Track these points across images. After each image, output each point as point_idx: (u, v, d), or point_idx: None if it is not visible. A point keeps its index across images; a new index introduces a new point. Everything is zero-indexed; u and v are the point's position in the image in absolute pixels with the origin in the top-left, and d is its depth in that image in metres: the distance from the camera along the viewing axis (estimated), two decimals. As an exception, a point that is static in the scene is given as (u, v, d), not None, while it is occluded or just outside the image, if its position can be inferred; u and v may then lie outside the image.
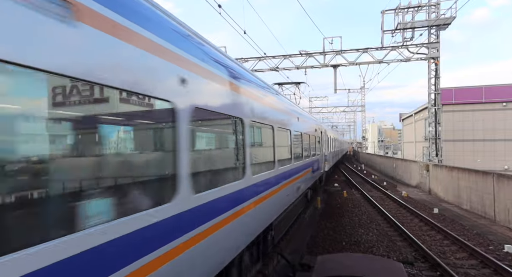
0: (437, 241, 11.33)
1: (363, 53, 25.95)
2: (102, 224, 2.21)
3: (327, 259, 6.20)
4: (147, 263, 2.63)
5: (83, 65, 2.14)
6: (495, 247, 10.49)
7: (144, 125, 3.19)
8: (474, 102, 35.45)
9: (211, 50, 4.33)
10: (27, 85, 1.92)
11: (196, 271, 3.50)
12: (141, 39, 2.72)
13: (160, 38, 3.01)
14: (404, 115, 55.29)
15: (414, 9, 25.23)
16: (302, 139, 11.45)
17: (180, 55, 3.33)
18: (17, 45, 1.74)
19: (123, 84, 2.47)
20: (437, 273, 8.52)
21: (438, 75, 24.77)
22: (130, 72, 2.57)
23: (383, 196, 21.07)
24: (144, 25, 2.79)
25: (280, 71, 27.92)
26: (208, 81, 3.92)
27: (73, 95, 2.20)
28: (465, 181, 17.13)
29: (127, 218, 2.44)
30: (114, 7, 2.47)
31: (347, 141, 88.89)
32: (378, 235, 11.86)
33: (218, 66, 4.36)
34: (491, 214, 14.48)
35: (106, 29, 2.34)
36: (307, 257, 8.23)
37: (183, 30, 3.70)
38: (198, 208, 3.49)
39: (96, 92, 2.35)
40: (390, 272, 5.30)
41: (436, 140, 25.30)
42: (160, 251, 2.80)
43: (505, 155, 34.42)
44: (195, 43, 3.91)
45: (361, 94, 62.85)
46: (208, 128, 4.49)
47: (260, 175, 5.91)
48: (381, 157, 46.31)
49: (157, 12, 3.22)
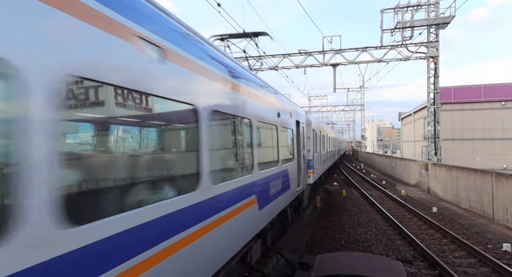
0: (436, 240, 11.36)
1: (363, 52, 25.96)
2: (158, 202, 3.03)
3: (326, 258, 6.23)
4: (192, 233, 3.48)
5: (173, 90, 3.30)
6: (493, 245, 10.53)
7: (183, 128, 4.05)
8: (473, 101, 35.50)
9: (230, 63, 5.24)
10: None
11: (225, 241, 4.51)
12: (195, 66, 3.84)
13: (205, 63, 4.13)
14: (403, 114, 55.37)
15: (414, 8, 25.24)
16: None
17: (208, 69, 4.19)
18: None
19: (181, 98, 3.47)
20: (436, 272, 8.55)
21: (437, 74, 24.79)
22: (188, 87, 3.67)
23: (382, 195, 21.10)
24: (194, 53, 3.89)
25: (279, 70, 27.93)
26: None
27: (149, 107, 3.17)
28: (464, 180, 17.17)
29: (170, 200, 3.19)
30: (191, 51, 3.81)
31: (346, 140, 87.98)
32: (377, 234, 11.89)
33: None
34: (490, 213, 14.52)
35: (188, 65, 3.64)
36: (306, 256, 8.25)
37: (216, 53, 4.73)
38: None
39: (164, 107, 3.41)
40: (389, 271, 5.32)
41: (435, 139, 25.33)
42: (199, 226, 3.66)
43: (504, 154, 34.49)
44: (220, 58, 4.83)
45: (360, 93, 62.87)
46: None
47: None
48: (380, 156, 46.39)
49: (199, 41, 4.27)
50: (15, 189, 1.75)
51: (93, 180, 2.68)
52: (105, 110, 2.72)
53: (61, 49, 2.06)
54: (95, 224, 2.23)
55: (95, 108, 2.62)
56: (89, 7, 2.28)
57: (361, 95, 64.94)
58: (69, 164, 2.25)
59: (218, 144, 4.85)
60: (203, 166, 3.79)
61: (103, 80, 2.40)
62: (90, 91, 2.47)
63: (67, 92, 2.16)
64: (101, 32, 2.37)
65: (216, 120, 4.51)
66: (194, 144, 3.79)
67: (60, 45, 2.05)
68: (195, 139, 3.79)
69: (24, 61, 1.81)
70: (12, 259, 1.69)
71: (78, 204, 2.31)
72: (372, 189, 23.97)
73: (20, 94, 1.81)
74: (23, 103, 1.82)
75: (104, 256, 2.29)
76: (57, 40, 2.03)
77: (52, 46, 1.99)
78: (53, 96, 1.98)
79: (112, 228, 2.39)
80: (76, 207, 2.19)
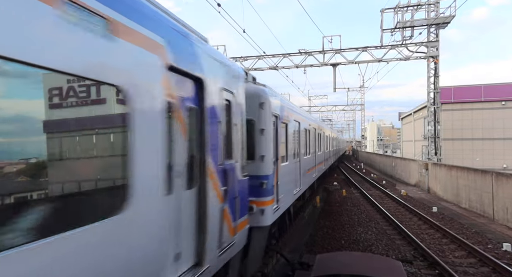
0: (436, 239, 11.35)
1: (363, 51, 25.98)
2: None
3: (326, 257, 6.22)
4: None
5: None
6: (493, 245, 10.52)
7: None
8: (473, 101, 35.47)
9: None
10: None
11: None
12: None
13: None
14: (403, 114, 55.35)
15: (414, 7, 25.24)
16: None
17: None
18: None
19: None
20: (436, 272, 8.55)
21: (437, 74, 24.80)
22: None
23: (382, 195, 21.10)
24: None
25: (279, 69, 27.94)
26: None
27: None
28: (464, 179, 17.17)
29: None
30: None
31: (346, 140, 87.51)
32: (377, 233, 11.89)
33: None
34: (490, 213, 14.52)
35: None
36: (306, 256, 8.25)
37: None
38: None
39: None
40: (389, 271, 5.31)
41: (435, 139, 25.33)
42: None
43: (504, 153, 34.46)
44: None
45: (360, 93, 62.84)
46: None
47: None
48: (380, 156, 46.40)
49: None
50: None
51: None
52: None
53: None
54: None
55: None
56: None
57: (361, 94, 64.94)
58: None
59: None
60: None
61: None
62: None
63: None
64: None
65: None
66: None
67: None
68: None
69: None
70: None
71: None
72: (372, 189, 23.96)
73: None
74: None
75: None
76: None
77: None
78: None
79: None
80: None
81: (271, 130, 7.27)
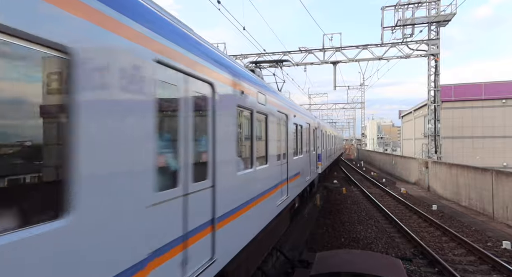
0: (436, 237, 11.37)
1: (363, 49, 25.89)
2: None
3: (326, 255, 6.23)
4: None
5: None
6: (493, 243, 10.54)
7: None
8: (473, 99, 35.41)
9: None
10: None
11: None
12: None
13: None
14: (403, 112, 55.27)
15: (414, 5, 25.15)
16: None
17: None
18: None
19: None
20: (436, 269, 8.56)
21: (438, 72, 24.74)
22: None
23: (382, 193, 21.12)
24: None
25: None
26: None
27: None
28: (464, 178, 17.17)
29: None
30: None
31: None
32: (377, 231, 11.90)
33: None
34: (490, 211, 14.53)
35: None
36: (306, 254, 8.26)
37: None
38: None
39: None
40: (388, 268, 5.32)
41: (436, 137, 25.30)
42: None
43: (504, 152, 34.45)
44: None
45: (360, 91, 62.72)
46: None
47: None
48: (380, 154, 46.38)
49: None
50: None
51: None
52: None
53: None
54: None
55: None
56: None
57: (361, 93, 64.79)
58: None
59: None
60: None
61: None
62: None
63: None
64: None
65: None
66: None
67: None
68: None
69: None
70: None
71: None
72: (372, 187, 23.97)
73: None
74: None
75: None
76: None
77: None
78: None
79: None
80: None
81: (320, 137, 17.36)
